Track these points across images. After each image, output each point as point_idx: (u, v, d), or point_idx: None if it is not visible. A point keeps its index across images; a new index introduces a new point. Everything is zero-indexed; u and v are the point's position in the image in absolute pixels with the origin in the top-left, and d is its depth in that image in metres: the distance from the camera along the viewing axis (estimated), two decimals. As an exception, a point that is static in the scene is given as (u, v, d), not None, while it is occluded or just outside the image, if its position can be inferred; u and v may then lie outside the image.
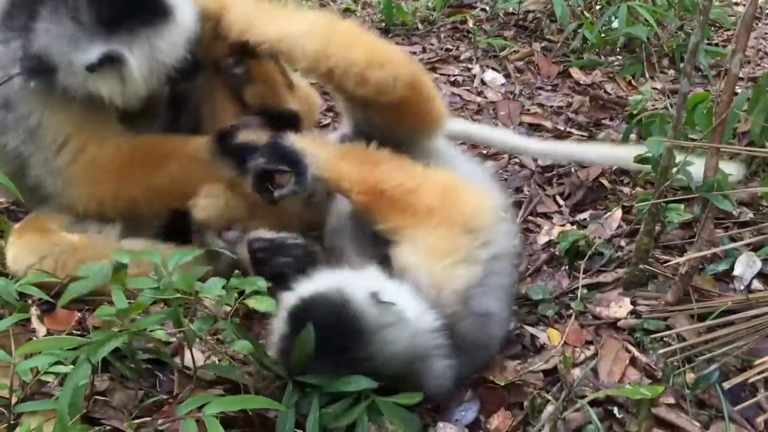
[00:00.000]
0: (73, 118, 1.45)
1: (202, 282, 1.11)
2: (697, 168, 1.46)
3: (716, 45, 3.02)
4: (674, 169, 1.46)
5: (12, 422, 1.08)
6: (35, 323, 1.29)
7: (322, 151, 1.42)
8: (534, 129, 2.41)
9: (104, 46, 1.36)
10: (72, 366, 1.07)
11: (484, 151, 2.24)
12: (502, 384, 1.32)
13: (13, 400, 1.09)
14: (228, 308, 1.13)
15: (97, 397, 1.19)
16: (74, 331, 1.36)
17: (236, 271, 1.14)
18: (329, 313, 1.13)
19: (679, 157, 1.46)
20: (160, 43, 1.39)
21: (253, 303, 1.12)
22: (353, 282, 1.18)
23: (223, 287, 1.04)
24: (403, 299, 1.19)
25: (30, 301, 1.36)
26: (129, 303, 1.09)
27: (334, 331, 1.11)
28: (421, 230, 1.29)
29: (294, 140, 1.42)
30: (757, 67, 2.84)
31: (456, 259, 1.27)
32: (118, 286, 1.02)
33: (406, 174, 1.37)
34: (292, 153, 1.40)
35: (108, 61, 1.36)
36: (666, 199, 1.51)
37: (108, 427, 1.15)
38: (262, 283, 1.06)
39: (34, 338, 1.27)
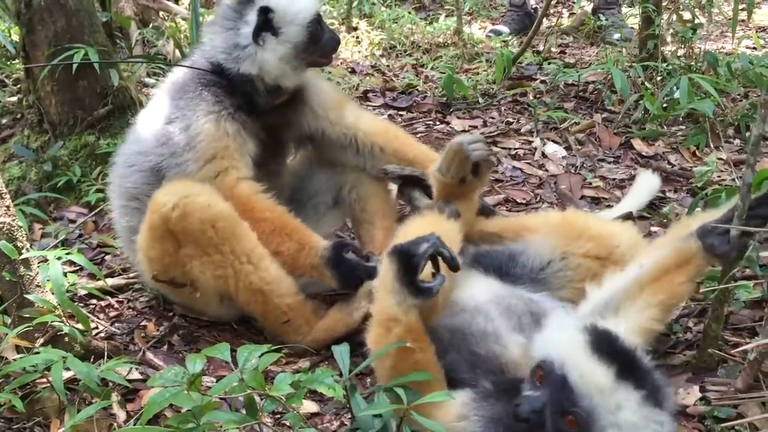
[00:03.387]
0: (224, 138, 1.75)
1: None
2: None
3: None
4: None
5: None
6: (116, 409, 1.35)
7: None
8: (595, 202, 2.41)
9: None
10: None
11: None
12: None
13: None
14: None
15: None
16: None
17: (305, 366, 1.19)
18: None
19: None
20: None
21: (324, 390, 1.15)
22: None
23: (291, 383, 1.08)
24: None
25: (111, 385, 1.43)
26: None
27: None
28: None
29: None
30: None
31: None
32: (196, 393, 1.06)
33: None
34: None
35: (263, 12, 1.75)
36: (733, 285, 1.49)
37: None
38: (329, 380, 1.09)
39: (115, 424, 1.34)
